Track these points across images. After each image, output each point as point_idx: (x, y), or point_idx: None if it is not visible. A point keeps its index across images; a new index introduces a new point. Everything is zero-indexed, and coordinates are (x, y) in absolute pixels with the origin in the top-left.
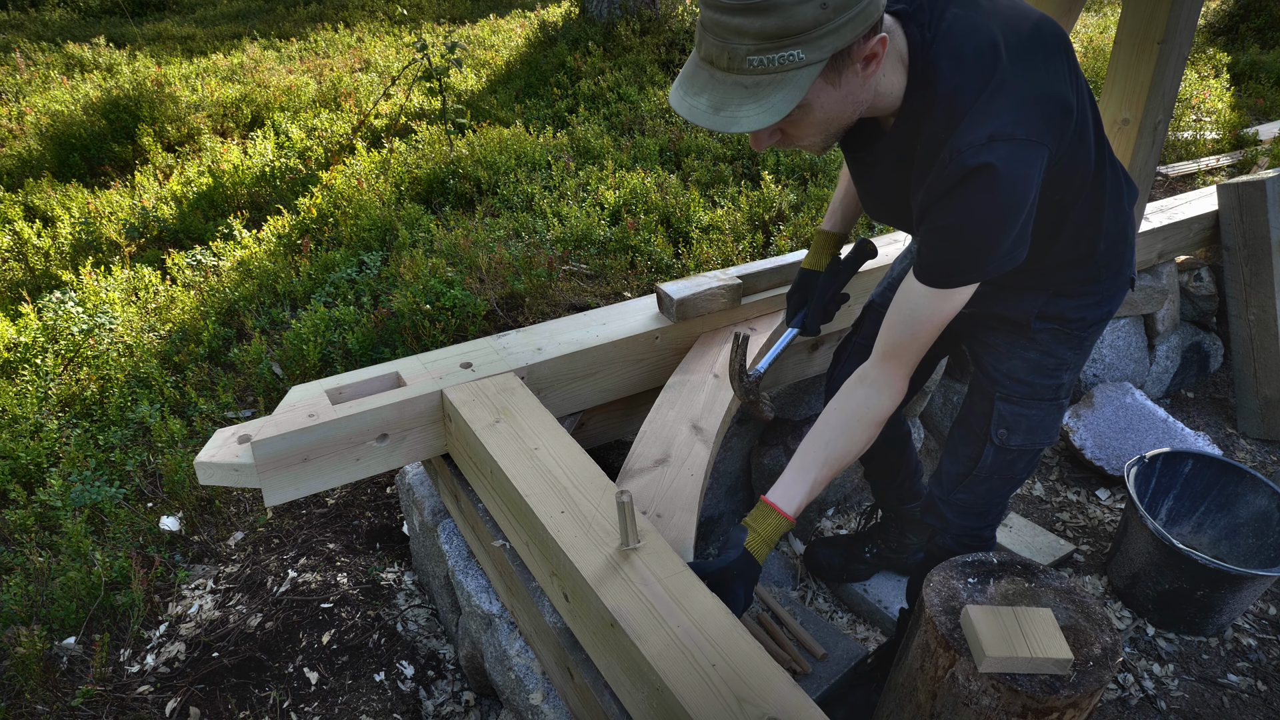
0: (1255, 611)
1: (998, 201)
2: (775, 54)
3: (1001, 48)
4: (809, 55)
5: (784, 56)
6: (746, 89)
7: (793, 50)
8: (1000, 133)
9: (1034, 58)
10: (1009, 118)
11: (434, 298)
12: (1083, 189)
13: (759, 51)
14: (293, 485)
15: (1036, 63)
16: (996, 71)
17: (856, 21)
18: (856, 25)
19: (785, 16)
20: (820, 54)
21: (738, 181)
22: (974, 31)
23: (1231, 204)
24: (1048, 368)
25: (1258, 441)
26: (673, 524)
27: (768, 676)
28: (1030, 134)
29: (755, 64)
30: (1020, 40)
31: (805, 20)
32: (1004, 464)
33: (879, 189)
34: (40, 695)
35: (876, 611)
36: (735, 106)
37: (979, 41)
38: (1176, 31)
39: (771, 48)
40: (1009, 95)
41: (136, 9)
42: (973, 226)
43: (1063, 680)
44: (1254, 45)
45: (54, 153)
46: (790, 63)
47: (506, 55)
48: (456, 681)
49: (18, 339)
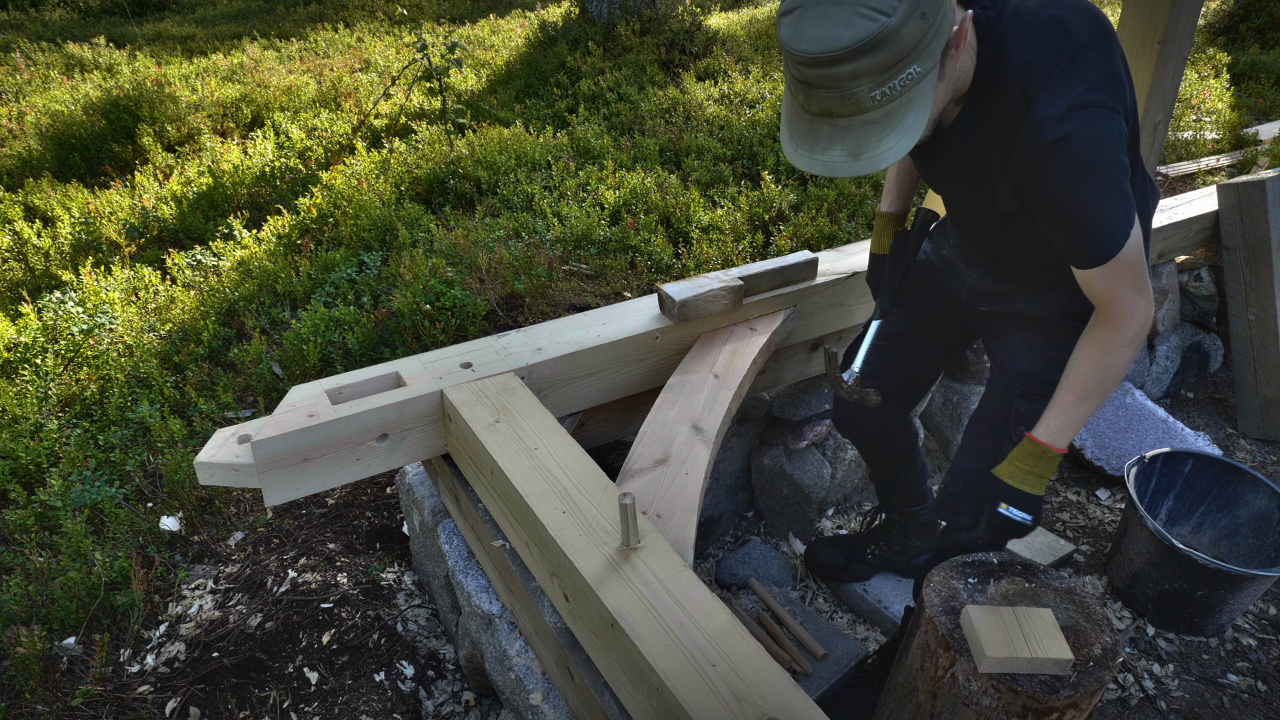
0: (1255, 611)
1: (1087, 166)
2: (895, 79)
3: (1070, 25)
4: (924, 65)
5: (904, 78)
6: (878, 123)
7: (910, 68)
8: (1077, 101)
9: (1099, 38)
10: (1084, 87)
11: (434, 298)
12: None
13: (879, 84)
14: (293, 485)
15: (1102, 42)
16: (1069, 46)
17: (948, 12)
18: (949, 16)
19: (896, 43)
20: (933, 59)
21: (738, 181)
22: (1040, 9)
23: (1231, 204)
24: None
25: (1258, 441)
26: (673, 524)
27: (768, 676)
28: (1107, 100)
29: (880, 97)
30: (1084, 21)
31: (913, 36)
32: None
33: (954, 171)
34: (40, 695)
35: (876, 611)
36: (875, 145)
37: (1047, 18)
38: (1176, 31)
39: (890, 76)
40: (1082, 67)
41: (136, 9)
42: (1078, 199)
43: (1063, 680)
44: (1254, 45)
45: (54, 153)
46: (911, 80)
47: (506, 55)
48: (456, 681)
49: (18, 339)
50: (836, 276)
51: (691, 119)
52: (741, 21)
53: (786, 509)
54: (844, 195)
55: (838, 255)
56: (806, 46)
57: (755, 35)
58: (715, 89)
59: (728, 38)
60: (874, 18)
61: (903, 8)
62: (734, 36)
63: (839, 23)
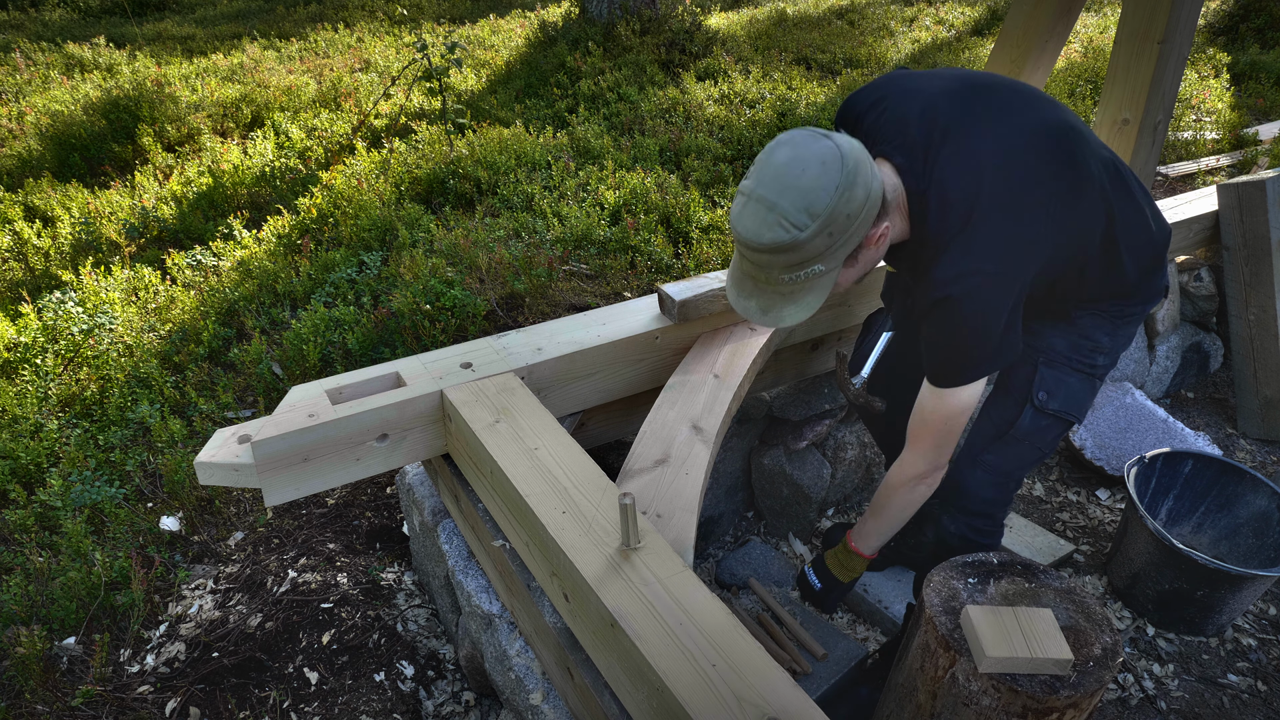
0: (1255, 611)
1: (963, 326)
2: (801, 271)
3: (982, 194)
4: (828, 265)
5: (808, 272)
6: (784, 295)
7: (814, 266)
8: (967, 269)
9: (1024, 193)
10: (974, 257)
11: (434, 298)
12: (1092, 257)
13: (787, 273)
14: (293, 485)
15: (1023, 199)
16: (974, 215)
17: (859, 229)
18: (860, 231)
19: (802, 251)
20: (836, 262)
21: (737, 181)
22: (961, 177)
23: (1231, 204)
24: (1084, 349)
25: (1258, 441)
26: (673, 524)
27: (768, 676)
28: (998, 268)
29: (787, 280)
30: (1013, 172)
31: (818, 249)
32: (1038, 429)
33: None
34: (40, 695)
35: (876, 611)
36: (779, 309)
37: (964, 187)
38: (1176, 31)
39: (796, 269)
40: (979, 237)
41: (136, 9)
42: (947, 344)
43: (1063, 680)
44: (1254, 45)
45: (54, 153)
46: (813, 274)
47: (506, 55)
48: (456, 681)
49: (18, 339)
50: None
51: (691, 119)
52: (741, 21)
53: (786, 509)
54: None
55: None
56: (740, 231)
57: (755, 35)
58: (715, 89)
59: (728, 38)
60: (789, 230)
61: (814, 226)
62: (734, 36)
63: (764, 224)
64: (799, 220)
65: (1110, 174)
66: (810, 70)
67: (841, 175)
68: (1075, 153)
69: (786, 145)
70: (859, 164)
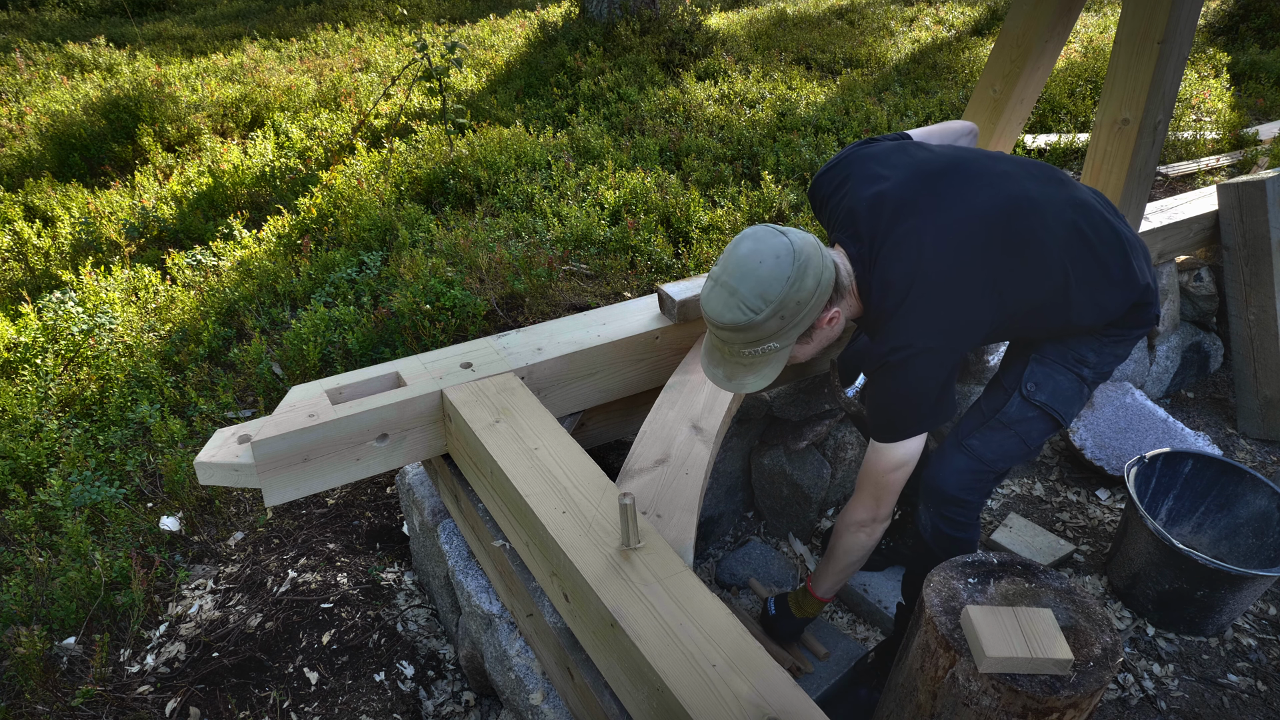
0: (1255, 611)
1: (899, 390)
2: (758, 347)
3: (917, 277)
4: (781, 343)
5: (764, 349)
6: (745, 366)
7: (769, 344)
8: (902, 344)
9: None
10: (913, 332)
11: (434, 298)
12: (1047, 312)
13: (746, 347)
14: (293, 485)
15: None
16: (910, 295)
17: (810, 314)
18: (811, 315)
19: (758, 331)
20: (789, 341)
21: (738, 181)
22: (899, 262)
23: (1231, 204)
24: (1070, 359)
25: (1258, 441)
26: (673, 524)
27: (768, 676)
28: (932, 344)
29: (747, 353)
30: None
31: (771, 330)
32: (1024, 419)
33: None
34: (40, 695)
35: (876, 611)
36: (741, 377)
37: (902, 271)
38: (1176, 31)
39: (754, 345)
40: (917, 315)
41: (136, 9)
42: (886, 405)
43: (1063, 680)
44: (1254, 45)
45: (54, 153)
46: (768, 350)
47: (506, 55)
48: (456, 681)
49: (18, 339)
50: None
51: (691, 119)
52: (741, 21)
53: (786, 509)
54: None
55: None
56: (707, 311)
57: (755, 35)
58: (715, 89)
59: (728, 38)
60: (745, 313)
61: (767, 310)
62: (734, 36)
63: (726, 306)
64: (755, 304)
65: (1073, 235)
66: (810, 70)
67: (793, 268)
68: (1027, 228)
69: (749, 239)
70: (809, 258)
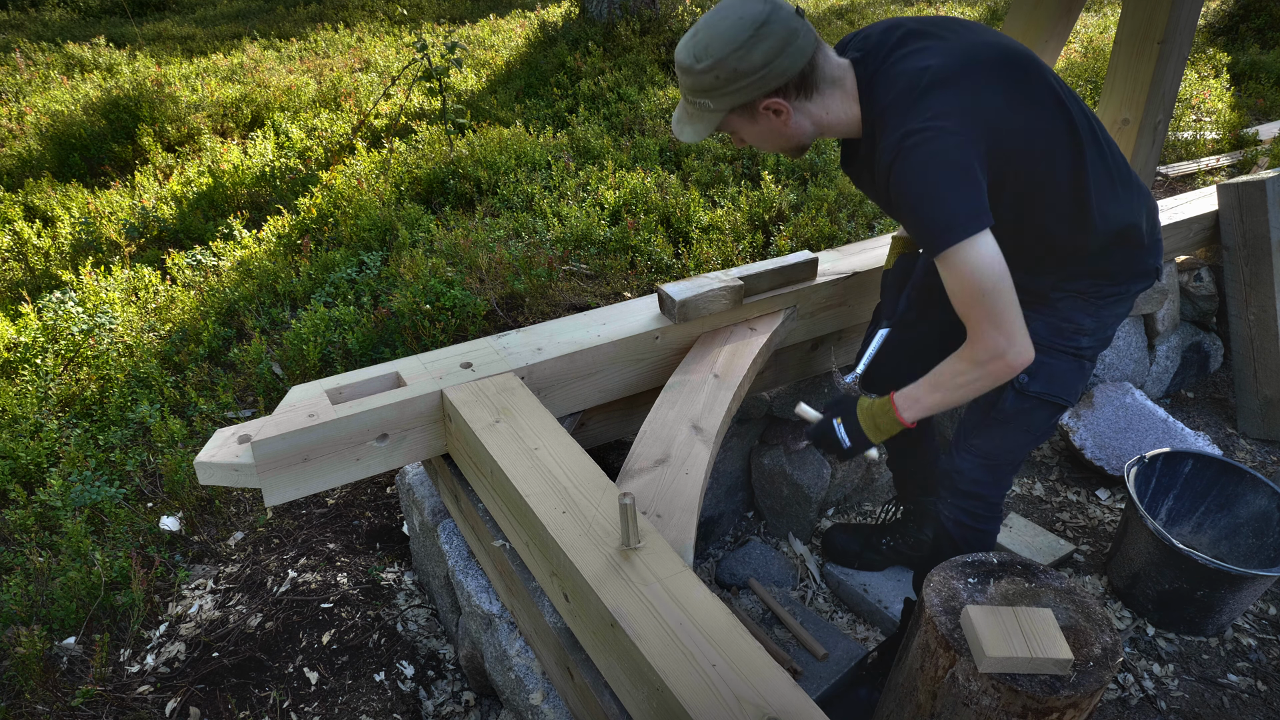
0: (1255, 611)
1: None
2: (697, 100)
3: (931, 72)
4: (715, 105)
5: (701, 102)
6: (690, 115)
7: (704, 100)
8: (910, 129)
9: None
10: (921, 118)
11: (434, 298)
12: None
13: (691, 94)
14: (293, 485)
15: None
16: (917, 88)
17: (747, 90)
18: (748, 92)
19: (694, 79)
20: (721, 106)
21: (738, 181)
22: (911, 63)
23: (1231, 204)
24: (1066, 331)
25: (1258, 441)
26: (673, 524)
27: (768, 676)
28: (947, 124)
29: (691, 100)
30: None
31: (706, 85)
32: (1022, 411)
33: (868, 190)
34: (40, 695)
35: (876, 611)
36: (684, 124)
37: (912, 69)
38: (1176, 31)
39: (693, 95)
40: (924, 103)
41: (136, 9)
42: (917, 200)
43: (1063, 680)
44: (1254, 45)
45: (54, 153)
46: (704, 107)
47: (506, 55)
48: (456, 681)
49: (18, 339)
50: (836, 276)
51: None
52: None
53: (786, 509)
54: (844, 195)
55: (838, 255)
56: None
57: None
58: None
59: None
60: (689, 57)
61: (705, 63)
62: None
63: (684, 43)
64: (699, 53)
65: (1085, 121)
66: None
67: (747, 37)
68: (1033, 70)
69: None
70: (773, 35)
